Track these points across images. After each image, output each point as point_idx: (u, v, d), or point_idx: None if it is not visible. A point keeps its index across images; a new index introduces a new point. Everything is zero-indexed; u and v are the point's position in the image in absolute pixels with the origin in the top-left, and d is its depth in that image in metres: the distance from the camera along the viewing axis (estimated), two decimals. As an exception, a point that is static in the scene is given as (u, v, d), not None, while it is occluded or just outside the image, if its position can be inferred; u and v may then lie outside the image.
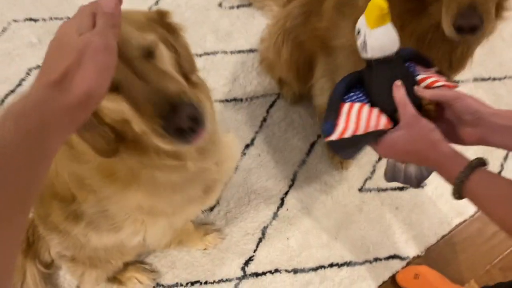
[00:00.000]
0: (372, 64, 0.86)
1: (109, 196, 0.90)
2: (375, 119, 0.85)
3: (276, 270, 1.46)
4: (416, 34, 1.04)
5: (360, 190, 1.59)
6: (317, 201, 1.56)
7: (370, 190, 1.59)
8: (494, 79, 1.82)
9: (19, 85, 1.75)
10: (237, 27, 1.88)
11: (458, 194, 0.76)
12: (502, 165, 1.66)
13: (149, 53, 0.70)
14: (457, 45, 1.06)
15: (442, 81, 0.89)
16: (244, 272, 1.45)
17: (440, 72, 0.93)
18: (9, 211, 0.43)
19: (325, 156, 1.63)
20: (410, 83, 0.86)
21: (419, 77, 0.90)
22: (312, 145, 1.64)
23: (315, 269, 1.46)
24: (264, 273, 1.46)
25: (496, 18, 0.99)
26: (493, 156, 1.64)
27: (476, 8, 0.88)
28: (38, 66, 1.78)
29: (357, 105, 0.87)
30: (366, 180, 1.60)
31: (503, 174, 1.62)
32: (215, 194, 1.09)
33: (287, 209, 1.55)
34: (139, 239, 1.07)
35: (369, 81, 0.88)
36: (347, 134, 0.85)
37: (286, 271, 1.46)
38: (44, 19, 1.89)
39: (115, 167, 0.83)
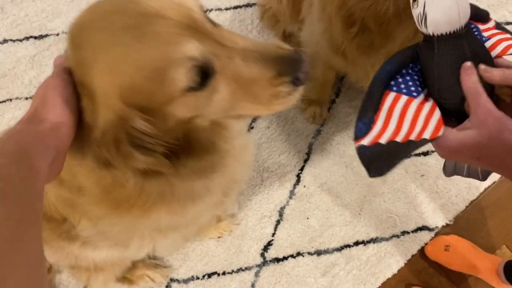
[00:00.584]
0: (434, 41, 0.68)
1: (119, 222, 0.75)
2: (422, 122, 0.67)
3: (298, 254, 1.35)
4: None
5: (382, 158, 1.45)
6: (337, 175, 1.43)
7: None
8: (520, 21, 1.64)
9: (-14, 64, 1.52)
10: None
11: None
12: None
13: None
14: None
15: (507, 40, 0.72)
16: (264, 258, 1.35)
17: (498, 25, 0.76)
18: (17, 227, 0.46)
19: (342, 124, 1.47)
20: (484, 61, 0.69)
21: (488, 44, 0.73)
22: (328, 111, 1.48)
23: (340, 249, 1.36)
24: (285, 258, 1.35)
25: None
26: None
27: None
28: (5, 40, 1.54)
29: (404, 98, 0.70)
30: (387, 147, 1.46)
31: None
32: (233, 197, 0.94)
33: (305, 186, 1.41)
34: (145, 253, 0.93)
35: (429, 62, 0.69)
36: (384, 139, 0.68)
37: (309, 253, 1.35)
38: None
39: (127, 195, 0.67)
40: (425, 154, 1.46)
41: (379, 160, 0.70)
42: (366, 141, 0.70)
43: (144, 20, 0.53)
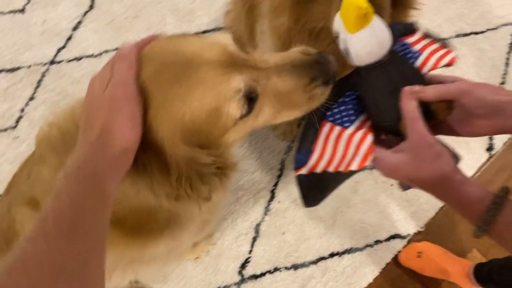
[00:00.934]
0: (362, 71, 0.72)
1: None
2: (352, 152, 0.72)
3: (276, 269, 1.38)
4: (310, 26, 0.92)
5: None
6: (309, 189, 1.46)
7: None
8: (476, 33, 1.72)
9: (-42, 99, 1.53)
10: (198, 3, 1.69)
11: (482, 231, 0.65)
12: None
13: None
14: None
15: (438, 51, 0.77)
16: (242, 276, 1.37)
17: (427, 34, 0.81)
18: (85, 259, 0.50)
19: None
20: (413, 81, 0.73)
21: (420, 59, 0.78)
22: (298, 127, 1.52)
23: (316, 261, 1.39)
24: (263, 274, 1.37)
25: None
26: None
27: None
28: (-22, 75, 1.56)
29: (337, 129, 0.74)
30: (357, 159, 1.51)
31: None
32: (212, 224, 0.98)
33: (279, 202, 1.45)
34: (126, 282, 0.95)
35: (362, 90, 0.74)
36: (320, 168, 0.72)
37: (286, 268, 1.38)
38: None
39: (137, 221, 0.72)
40: (394, 164, 1.50)
41: (314, 190, 0.75)
42: (304, 170, 0.74)
43: (191, 70, 0.59)
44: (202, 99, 0.58)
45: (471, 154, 1.54)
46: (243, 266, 1.38)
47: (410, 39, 0.79)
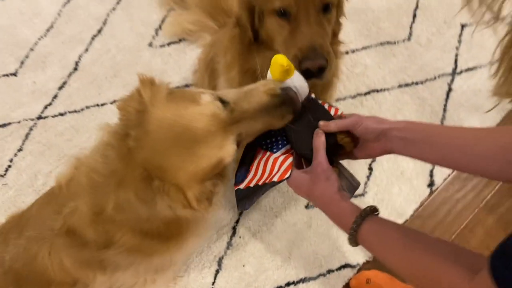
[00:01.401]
0: None
1: (141, 262, 1.00)
2: (276, 169, 0.92)
3: (236, 298, 1.51)
4: (251, 71, 1.14)
5: (307, 207, 1.66)
6: (268, 225, 1.63)
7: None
8: (417, 83, 1.95)
9: (-46, 152, 1.72)
10: (171, 64, 1.92)
11: (354, 242, 0.84)
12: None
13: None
14: None
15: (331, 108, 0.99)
16: (206, 305, 1.50)
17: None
18: None
19: (269, 180, 1.70)
20: (324, 120, 0.94)
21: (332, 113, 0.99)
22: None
23: (273, 291, 1.53)
24: (225, 304, 1.50)
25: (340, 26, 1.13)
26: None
27: (317, 49, 0.96)
28: (-27, 130, 1.75)
29: (267, 154, 0.94)
30: (310, 196, 1.68)
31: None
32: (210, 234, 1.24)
33: (240, 237, 1.60)
34: None
35: (287, 126, 0.94)
36: (253, 183, 0.92)
37: (246, 298, 1.52)
38: (-28, 80, 1.86)
39: (157, 229, 0.93)
40: (344, 200, 1.68)
41: (246, 198, 0.93)
42: (242, 185, 0.93)
43: (202, 136, 0.81)
44: (210, 160, 0.82)
45: (414, 190, 1.72)
46: (207, 296, 1.51)
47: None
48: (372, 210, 0.85)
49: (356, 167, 1.73)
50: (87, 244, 0.94)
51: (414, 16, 2.09)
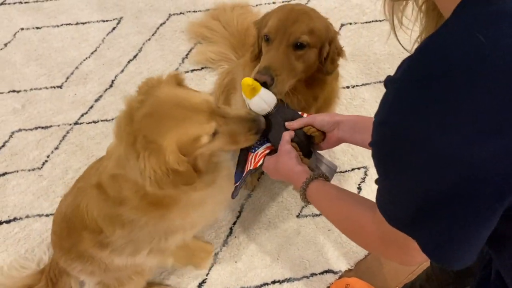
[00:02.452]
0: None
1: (145, 220, 1.20)
2: (256, 161, 1.17)
3: (226, 289, 1.69)
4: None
5: (298, 216, 1.85)
6: (261, 229, 1.82)
7: (306, 216, 1.85)
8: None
9: (2, 146, 2.03)
10: (192, 88, 2.21)
11: (304, 198, 1.05)
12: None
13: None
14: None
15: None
16: (198, 293, 1.68)
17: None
18: None
19: (267, 190, 1.91)
20: (292, 119, 1.18)
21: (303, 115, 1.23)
22: (257, 180, 1.92)
23: (260, 286, 1.69)
24: (215, 293, 1.68)
25: (316, 90, 1.40)
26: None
27: (268, 69, 1.22)
28: (20, 129, 2.07)
29: (252, 154, 1.20)
30: (302, 207, 1.87)
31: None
32: (221, 211, 1.45)
33: (235, 237, 1.80)
34: (156, 261, 1.38)
35: (264, 130, 1.20)
36: (246, 177, 1.16)
37: (235, 289, 1.69)
38: (25, 90, 2.21)
39: (158, 198, 1.14)
40: (332, 213, 1.86)
41: (238, 188, 1.18)
42: (239, 183, 1.19)
43: (191, 112, 1.03)
44: (194, 131, 1.03)
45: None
46: (200, 285, 1.69)
47: None
48: (322, 175, 1.06)
49: (346, 187, 1.92)
50: (109, 199, 1.17)
51: (413, 60, 2.32)
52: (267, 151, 1.21)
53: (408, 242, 0.71)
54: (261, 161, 1.16)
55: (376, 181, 0.75)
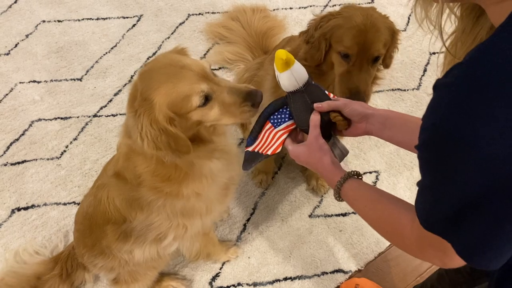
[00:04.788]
0: (288, 95, 1.18)
1: (162, 200, 1.22)
2: (273, 142, 1.17)
3: (239, 284, 1.72)
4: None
5: (310, 216, 1.89)
6: (274, 226, 1.86)
7: (318, 216, 1.90)
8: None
9: (22, 134, 2.06)
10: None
11: (338, 196, 1.07)
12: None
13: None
14: None
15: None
16: (212, 286, 1.71)
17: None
18: None
19: (281, 189, 1.95)
20: (321, 101, 1.16)
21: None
22: (272, 179, 1.97)
23: (272, 282, 1.73)
24: (228, 287, 1.72)
25: (391, 61, 1.48)
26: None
27: (360, 93, 1.31)
28: (40, 119, 2.11)
29: (272, 128, 1.20)
30: (315, 208, 1.92)
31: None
32: (232, 194, 1.43)
33: (249, 233, 1.84)
34: (177, 245, 1.41)
35: (290, 106, 1.20)
36: (257, 149, 1.18)
37: (247, 284, 1.72)
38: (45, 81, 2.25)
39: (169, 172, 1.17)
40: (344, 215, 1.90)
41: (248, 161, 1.20)
42: (250, 149, 1.20)
43: (183, 70, 1.04)
44: (184, 88, 1.03)
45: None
46: (214, 278, 1.73)
47: None
48: (355, 174, 1.08)
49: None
50: (127, 184, 1.20)
51: (425, 70, 2.39)
52: (288, 132, 1.20)
53: (445, 245, 0.73)
54: (279, 149, 1.17)
55: (418, 184, 0.77)
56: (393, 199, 0.98)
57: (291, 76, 1.13)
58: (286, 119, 1.21)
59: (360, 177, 1.09)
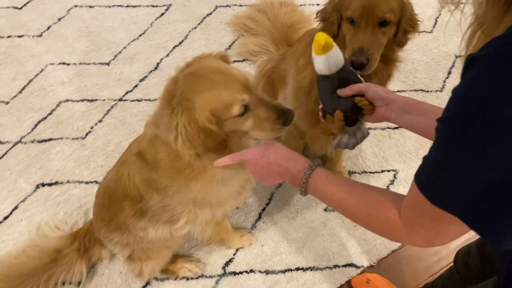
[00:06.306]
0: (320, 77, 1.20)
1: (175, 188, 1.26)
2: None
3: (251, 271, 1.75)
4: None
5: (325, 210, 1.91)
6: (289, 217, 1.88)
7: (333, 210, 1.91)
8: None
9: (50, 114, 2.13)
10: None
11: (304, 189, 1.01)
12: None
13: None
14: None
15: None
16: (225, 270, 1.75)
17: None
18: None
19: (297, 182, 1.97)
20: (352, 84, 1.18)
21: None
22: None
23: (284, 271, 1.76)
24: (241, 273, 1.75)
25: (390, 67, 1.43)
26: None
27: (363, 50, 1.28)
28: (67, 100, 2.18)
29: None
30: (330, 202, 1.93)
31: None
32: (247, 192, 1.45)
33: (264, 222, 1.86)
34: (188, 229, 1.44)
35: (318, 89, 1.23)
36: None
37: (259, 271, 1.75)
38: (74, 64, 2.32)
39: (183, 167, 1.20)
40: (359, 211, 1.91)
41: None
42: None
43: (229, 79, 1.08)
44: (227, 96, 1.07)
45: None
46: (227, 263, 1.76)
47: None
48: (317, 164, 1.02)
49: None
50: (147, 165, 1.24)
51: (449, 73, 2.37)
52: (320, 111, 1.25)
53: (441, 225, 0.71)
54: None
55: (425, 157, 0.73)
56: (369, 185, 0.95)
57: (326, 61, 1.15)
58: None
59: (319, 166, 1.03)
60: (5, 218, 1.85)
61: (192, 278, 1.73)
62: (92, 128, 2.09)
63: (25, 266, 1.57)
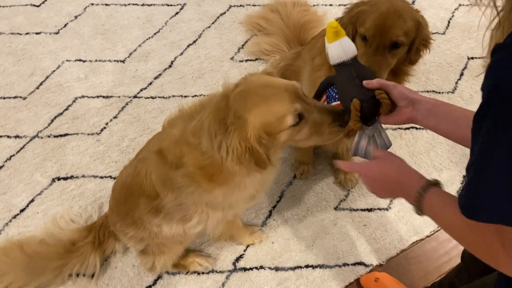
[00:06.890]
0: (336, 68, 1.17)
1: (193, 189, 1.27)
2: None
3: (261, 267, 1.78)
4: None
5: (336, 208, 1.93)
6: (299, 215, 1.90)
7: (343, 209, 1.93)
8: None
9: (66, 109, 2.18)
10: (247, 72, 2.32)
11: (419, 208, 0.94)
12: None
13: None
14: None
15: None
16: (235, 266, 1.77)
17: None
18: None
19: (308, 180, 1.99)
20: (367, 77, 1.13)
21: None
22: (313, 168, 2.00)
23: (293, 268, 1.78)
24: (251, 269, 1.77)
25: (400, 79, 1.45)
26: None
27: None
28: (83, 96, 2.22)
29: (323, 99, 1.27)
30: (341, 201, 1.95)
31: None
32: (259, 197, 1.48)
33: (274, 219, 1.89)
34: (200, 228, 1.46)
35: (336, 81, 1.18)
36: None
37: (269, 268, 1.77)
38: (90, 61, 2.36)
39: (213, 172, 1.21)
40: (369, 210, 1.93)
41: None
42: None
43: (278, 91, 1.10)
44: (279, 109, 1.09)
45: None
46: (238, 259, 1.79)
47: None
48: (435, 183, 0.95)
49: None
50: (166, 163, 1.26)
51: (462, 74, 2.37)
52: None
53: None
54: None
55: (468, 169, 0.71)
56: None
57: (340, 46, 1.12)
58: (336, 98, 1.23)
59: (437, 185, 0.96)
60: (22, 210, 1.89)
61: (202, 273, 1.76)
62: (107, 124, 2.13)
63: (46, 250, 1.63)
